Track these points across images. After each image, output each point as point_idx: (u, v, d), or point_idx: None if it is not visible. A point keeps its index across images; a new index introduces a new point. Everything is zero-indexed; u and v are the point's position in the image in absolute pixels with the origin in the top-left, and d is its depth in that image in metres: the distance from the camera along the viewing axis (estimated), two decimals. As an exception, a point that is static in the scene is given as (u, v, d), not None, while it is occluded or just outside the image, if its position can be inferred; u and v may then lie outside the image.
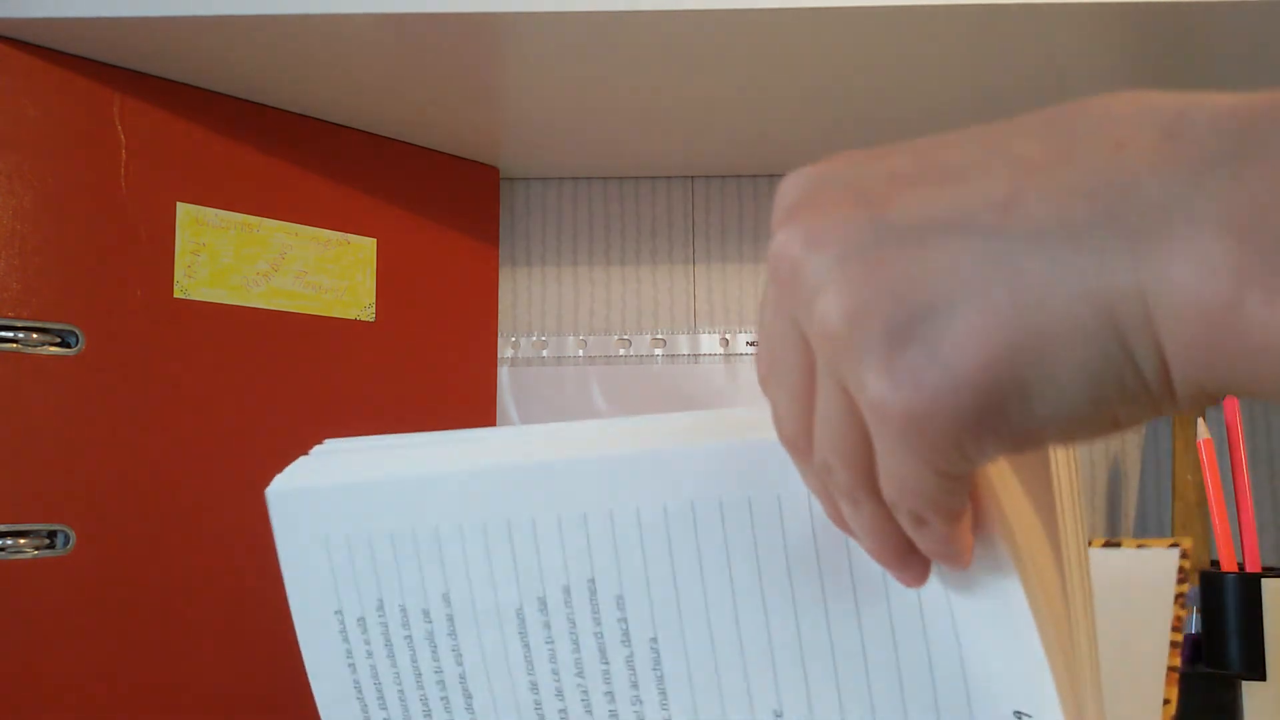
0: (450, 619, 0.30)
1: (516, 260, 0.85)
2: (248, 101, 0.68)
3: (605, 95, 0.68)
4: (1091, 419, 0.20)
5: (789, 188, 0.25)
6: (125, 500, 0.60)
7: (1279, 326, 0.17)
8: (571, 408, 0.83)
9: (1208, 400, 0.20)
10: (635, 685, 0.29)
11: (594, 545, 0.28)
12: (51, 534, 0.58)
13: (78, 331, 0.59)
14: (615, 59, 0.63)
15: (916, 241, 0.21)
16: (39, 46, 0.59)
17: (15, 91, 0.58)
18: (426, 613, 0.30)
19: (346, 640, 0.31)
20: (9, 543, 0.56)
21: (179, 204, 0.65)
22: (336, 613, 0.32)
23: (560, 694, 0.30)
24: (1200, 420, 0.75)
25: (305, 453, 0.34)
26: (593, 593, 0.29)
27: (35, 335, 0.58)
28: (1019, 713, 0.25)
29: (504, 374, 0.83)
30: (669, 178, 0.86)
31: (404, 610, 0.31)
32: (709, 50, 0.61)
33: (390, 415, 0.74)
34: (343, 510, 0.31)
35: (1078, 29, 0.59)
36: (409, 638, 0.31)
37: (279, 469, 0.71)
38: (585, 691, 0.30)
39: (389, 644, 0.31)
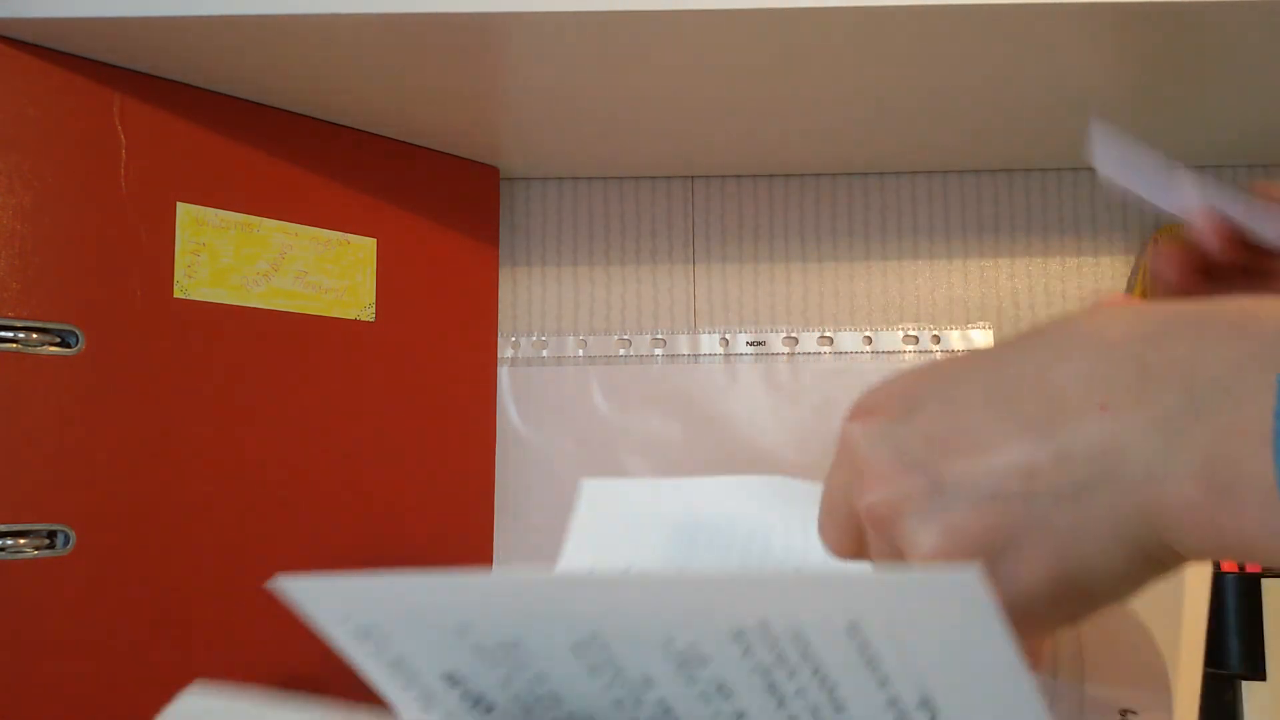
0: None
1: (516, 260, 0.85)
2: (248, 101, 0.68)
3: (605, 95, 0.68)
4: (1133, 591, 0.28)
5: (856, 458, 0.31)
6: (125, 500, 0.60)
7: (1241, 531, 0.24)
8: (571, 408, 0.83)
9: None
10: None
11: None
12: (51, 534, 0.58)
13: (78, 331, 0.59)
14: (615, 59, 0.62)
15: (971, 505, 0.27)
16: (39, 46, 0.59)
17: (15, 91, 0.58)
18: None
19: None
20: (9, 543, 0.56)
21: (179, 204, 0.65)
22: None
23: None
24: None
25: (306, 453, 0.33)
26: (802, 641, 0.25)
27: (35, 335, 0.58)
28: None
29: (504, 374, 0.83)
30: (669, 178, 0.86)
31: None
32: (709, 50, 0.61)
33: (390, 415, 0.74)
34: (645, 503, 0.35)
35: (1078, 29, 0.59)
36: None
37: (279, 468, 0.72)
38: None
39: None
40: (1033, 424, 0.27)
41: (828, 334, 0.84)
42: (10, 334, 0.57)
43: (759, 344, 0.84)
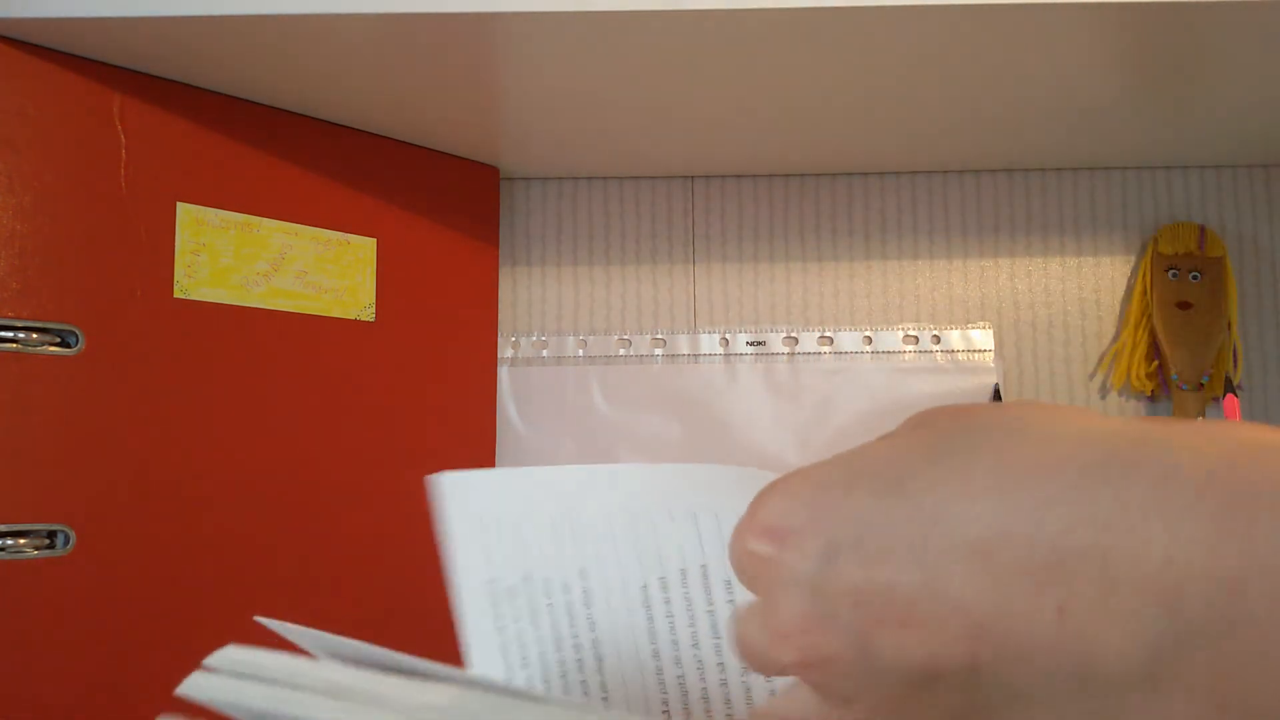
0: (585, 591, 0.36)
1: (516, 260, 0.85)
2: (248, 101, 0.68)
3: (605, 95, 0.68)
4: None
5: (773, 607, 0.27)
6: (125, 500, 0.60)
7: None
8: (571, 408, 0.83)
9: None
10: None
11: (704, 538, 0.34)
12: (51, 534, 0.58)
13: (78, 331, 0.59)
14: (615, 59, 0.62)
15: (906, 685, 0.24)
16: (39, 46, 0.59)
17: (15, 91, 0.58)
18: (566, 585, 0.36)
19: (496, 607, 0.36)
20: (9, 543, 0.56)
21: (179, 204, 0.65)
22: (489, 582, 0.36)
23: (678, 661, 0.36)
24: (1200, 420, 0.75)
25: (306, 452, 0.36)
26: (705, 576, 0.35)
27: (35, 335, 0.58)
28: None
29: (504, 374, 0.83)
30: (669, 178, 0.86)
31: (547, 582, 0.36)
32: (709, 51, 0.61)
33: (390, 415, 0.74)
34: (500, 495, 0.36)
35: (1078, 29, 0.59)
36: (550, 605, 0.36)
37: (278, 468, 0.72)
38: (700, 660, 0.35)
39: (533, 611, 0.36)
40: (971, 605, 0.22)
41: (828, 334, 0.84)
42: (10, 334, 0.57)
43: (759, 344, 0.84)
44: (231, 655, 0.34)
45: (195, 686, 0.33)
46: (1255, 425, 0.23)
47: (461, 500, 0.36)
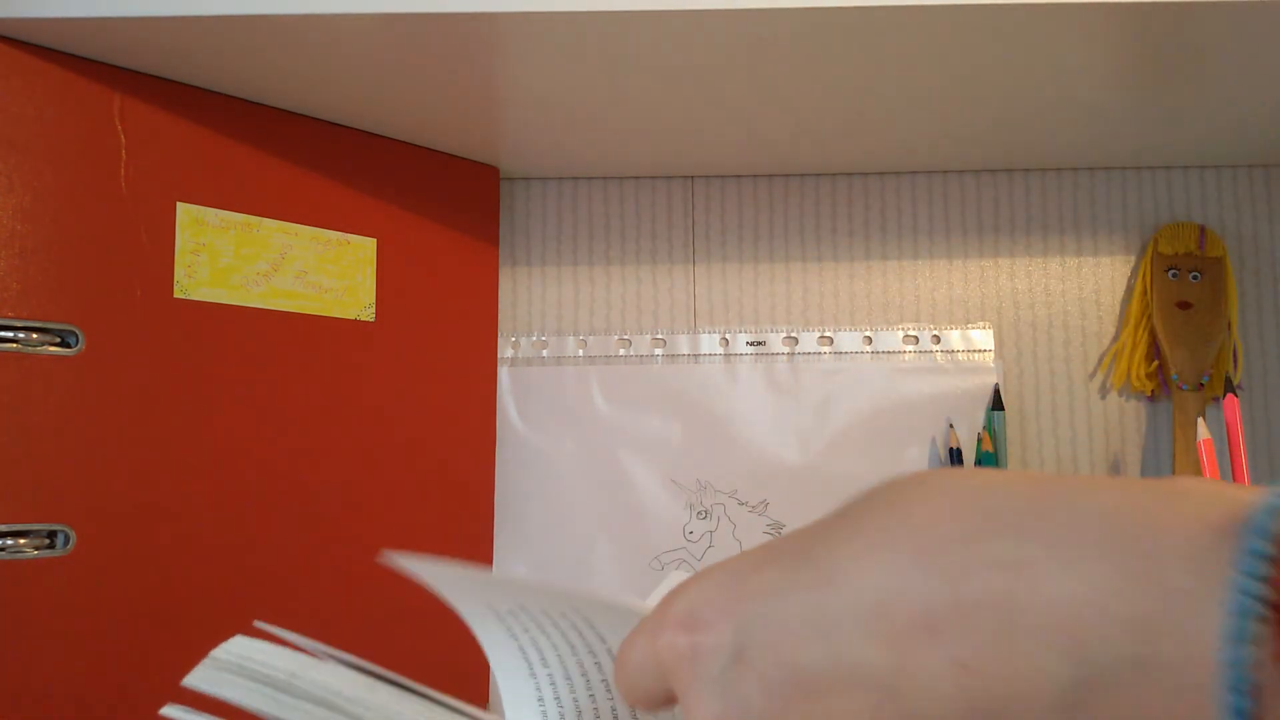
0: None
1: (516, 260, 0.85)
2: (248, 101, 0.68)
3: (605, 95, 0.68)
4: None
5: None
6: (125, 500, 0.60)
7: None
8: (571, 408, 0.83)
9: None
10: None
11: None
12: (51, 534, 0.58)
13: (78, 331, 0.59)
14: (615, 59, 0.62)
15: None
16: (39, 46, 0.59)
17: (15, 91, 0.58)
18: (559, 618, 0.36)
19: (503, 621, 0.36)
20: (9, 543, 0.56)
21: (179, 204, 0.65)
22: (488, 606, 0.36)
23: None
24: (1200, 420, 0.75)
25: (306, 453, 0.37)
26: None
27: (35, 335, 0.58)
28: None
29: (504, 374, 0.83)
30: (669, 178, 0.86)
31: (544, 612, 0.35)
32: (709, 51, 0.61)
33: (390, 415, 0.74)
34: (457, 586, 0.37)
35: (1078, 29, 0.59)
36: (554, 622, 0.35)
37: (278, 468, 0.72)
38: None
39: (539, 623, 0.35)
40: (872, 670, 0.22)
41: (828, 334, 0.84)
42: (10, 334, 0.57)
43: (759, 344, 0.84)
44: (239, 648, 0.35)
45: (203, 678, 0.33)
46: (1160, 478, 0.23)
47: (431, 576, 0.36)
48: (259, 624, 0.37)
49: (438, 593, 0.37)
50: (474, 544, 0.79)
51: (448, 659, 0.70)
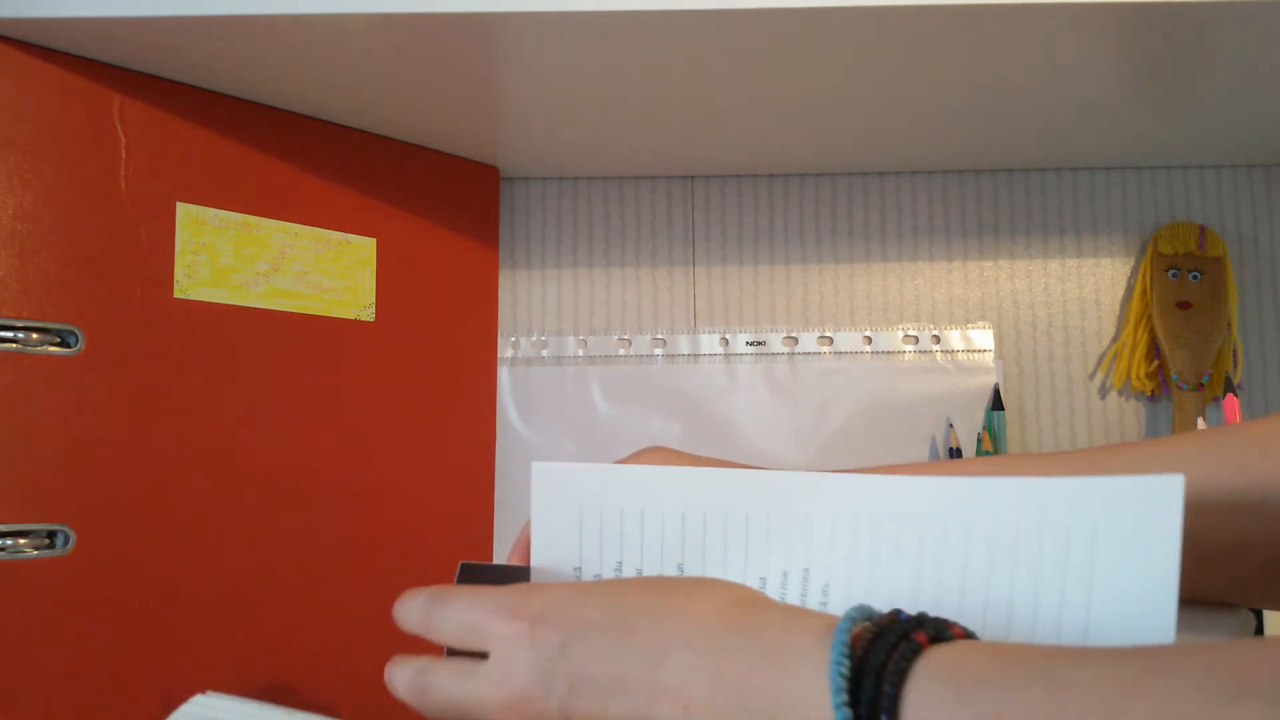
0: None
1: (516, 260, 0.85)
2: (248, 101, 0.68)
3: (605, 95, 0.68)
4: None
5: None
6: (125, 500, 0.60)
7: None
8: (571, 408, 0.83)
9: None
10: None
11: (814, 543, 0.36)
12: (51, 534, 0.58)
13: (78, 331, 0.59)
14: (615, 59, 0.62)
15: None
16: (39, 46, 0.59)
17: (15, 91, 0.58)
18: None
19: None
20: (9, 543, 0.56)
21: (179, 204, 0.65)
22: (575, 569, 0.37)
23: None
24: (1200, 420, 0.75)
25: (306, 452, 0.37)
26: (805, 579, 0.37)
27: (35, 335, 0.58)
28: None
29: (504, 374, 0.83)
30: (669, 178, 0.86)
31: (640, 574, 0.37)
32: (709, 50, 0.61)
33: (390, 415, 0.74)
34: (600, 487, 0.37)
35: (1078, 29, 0.59)
36: None
37: (278, 468, 0.72)
38: None
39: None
40: (639, 695, 0.32)
41: (827, 334, 0.84)
42: (10, 334, 0.57)
43: (759, 344, 0.84)
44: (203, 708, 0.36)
45: None
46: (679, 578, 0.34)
47: (563, 489, 0.37)
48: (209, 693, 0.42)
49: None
50: (474, 543, 0.79)
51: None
